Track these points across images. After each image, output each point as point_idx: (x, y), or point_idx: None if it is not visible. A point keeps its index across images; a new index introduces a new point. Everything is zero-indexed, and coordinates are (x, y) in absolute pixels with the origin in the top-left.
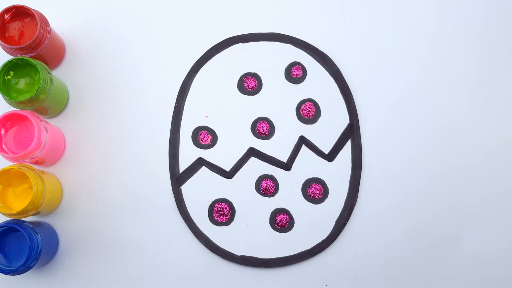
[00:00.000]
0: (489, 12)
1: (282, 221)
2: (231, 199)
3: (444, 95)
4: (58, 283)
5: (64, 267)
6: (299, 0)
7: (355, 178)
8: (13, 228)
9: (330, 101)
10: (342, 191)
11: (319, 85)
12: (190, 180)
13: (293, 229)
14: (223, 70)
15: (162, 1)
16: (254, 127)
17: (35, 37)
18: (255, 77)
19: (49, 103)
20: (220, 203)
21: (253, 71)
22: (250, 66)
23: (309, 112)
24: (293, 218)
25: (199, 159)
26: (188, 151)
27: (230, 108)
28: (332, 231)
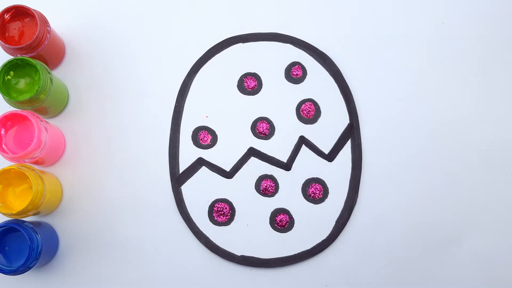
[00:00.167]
0: (489, 12)
1: (282, 221)
2: (231, 199)
3: (444, 95)
4: (58, 283)
5: (64, 267)
6: (299, 0)
7: (355, 178)
8: (13, 228)
9: (330, 101)
10: (342, 191)
11: (319, 85)
12: (190, 180)
13: (293, 229)
14: (223, 70)
15: (162, 1)
16: (254, 127)
17: (35, 37)
18: (255, 77)
19: (49, 103)
20: (220, 203)
21: (253, 71)
22: (250, 66)
23: (309, 112)
24: (293, 218)
25: (199, 159)
26: (188, 151)
27: (230, 108)
28: (332, 231)
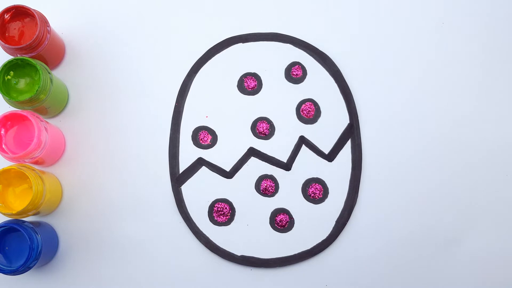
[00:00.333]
0: (489, 12)
1: (282, 221)
2: (231, 199)
3: (444, 95)
4: (58, 283)
5: (64, 267)
6: (299, 0)
7: (355, 178)
8: (13, 228)
9: (330, 101)
10: (342, 191)
11: (319, 85)
12: (190, 180)
13: (293, 229)
14: (223, 70)
15: (162, 1)
16: (254, 127)
17: (35, 37)
18: (255, 77)
19: (49, 103)
20: (220, 203)
21: (253, 71)
22: (250, 66)
23: (309, 112)
24: (293, 218)
25: (199, 159)
26: (188, 151)
27: (230, 108)
28: (332, 231)
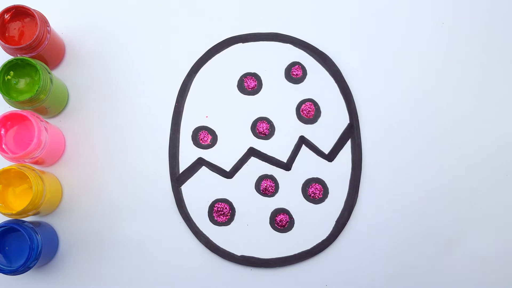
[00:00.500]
0: (489, 12)
1: (282, 221)
2: (231, 199)
3: (444, 95)
4: (58, 283)
5: (64, 267)
6: (299, 0)
7: (355, 178)
8: (13, 228)
9: (330, 101)
10: (342, 191)
11: (319, 85)
12: (190, 180)
13: (293, 229)
14: (223, 70)
15: (162, 1)
16: (254, 127)
17: (35, 37)
18: (255, 77)
19: (49, 103)
20: (220, 203)
21: (253, 71)
22: (250, 66)
23: (309, 112)
24: (293, 218)
25: (199, 159)
26: (188, 151)
27: (230, 108)
28: (332, 231)
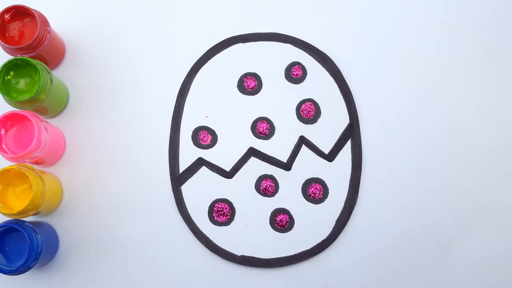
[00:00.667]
0: (489, 12)
1: (282, 221)
2: (231, 199)
3: (444, 95)
4: (58, 283)
5: (64, 267)
6: (299, 0)
7: (355, 178)
8: (13, 228)
9: (330, 101)
10: (342, 191)
11: (319, 85)
12: (190, 180)
13: (293, 229)
14: (223, 70)
15: (162, 1)
16: (254, 127)
17: (35, 37)
18: (255, 77)
19: (49, 103)
20: (220, 203)
21: (253, 71)
22: (250, 66)
23: (309, 112)
24: (293, 218)
25: (199, 159)
26: (188, 151)
27: (230, 108)
28: (332, 231)
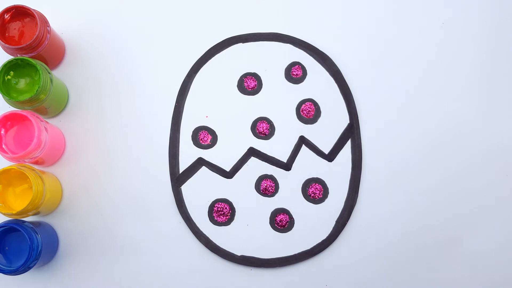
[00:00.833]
0: (489, 12)
1: (282, 221)
2: (231, 199)
3: (444, 95)
4: (58, 283)
5: (64, 267)
6: (299, 0)
7: (355, 178)
8: (13, 228)
9: (330, 101)
10: (342, 191)
11: (319, 85)
12: (190, 180)
13: (293, 229)
14: (223, 70)
15: (162, 1)
16: (254, 127)
17: (35, 37)
18: (255, 77)
19: (49, 103)
20: (220, 203)
21: (253, 71)
22: (250, 66)
23: (309, 112)
24: (293, 218)
25: (199, 159)
26: (188, 151)
27: (230, 108)
28: (332, 231)
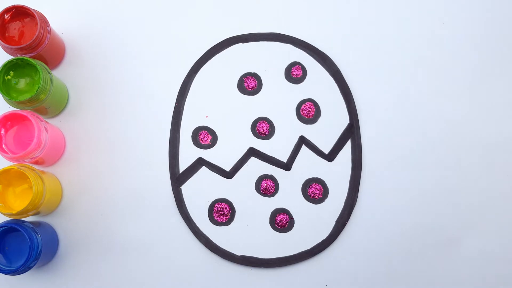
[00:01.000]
0: (489, 12)
1: (282, 221)
2: (231, 199)
3: (444, 95)
4: (58, 283)
5: (64, 267)
6: (299, 0)
7: (355, 178)
8: (13, 228)
9: (330, 101)
10: (342, 191)
11: (319, 85)
12: (190, 180)
13: (293, 229)
14: (223, 70)
15: (162, 1)
16: (254, 127)
17: (35, 37)
18: (255, 77)
19: (49, 103)
20: (220, 203)
21: (253, 71)
22: (250, 66)
23: (309, 112)
24: (293, 218)
25: (199, 159)
26: (188, 151)
27: (230, 108)
28: (332, 231)
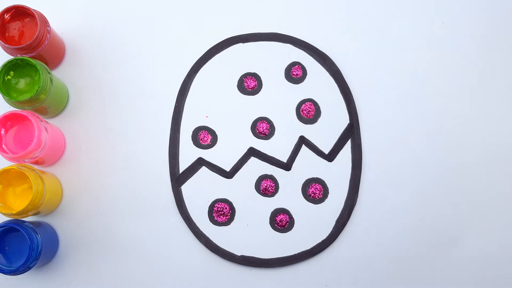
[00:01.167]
0: (489, 11)
1: (282, 221)
2: (231, 199)
3: (444, 95)
4: (58, 283)
5: (64, 267)
6: (299, 0)
7: (355, 178)
8: (13, 228)
9: (330, 101)
10: (342, 191)
11: (319, 85)
12: (190, 180)
13: (293, 229)
14: (223, 70)
15: (162, 1)
16: (254, 127)
17: (35, 37)
18: (255, 77)
19: (49, 103)
20: (220, 203)
21: (253, 71)
22: (250, 66)
23: (309, 112)
24: (293, 218)
25: (199, 159)
26: (188, 151)
27: (230, 108)
28: (332, 231)
